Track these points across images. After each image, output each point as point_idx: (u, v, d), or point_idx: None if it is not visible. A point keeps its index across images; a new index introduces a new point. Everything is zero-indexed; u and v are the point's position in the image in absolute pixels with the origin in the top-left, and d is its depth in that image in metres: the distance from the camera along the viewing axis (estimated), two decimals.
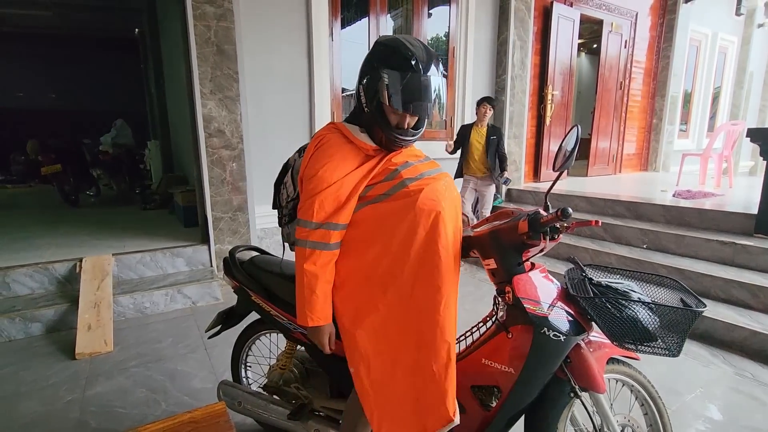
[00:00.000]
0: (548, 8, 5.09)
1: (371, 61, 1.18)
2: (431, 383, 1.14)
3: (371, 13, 4.09)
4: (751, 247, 3.04)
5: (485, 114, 3.89)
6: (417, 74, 1.12)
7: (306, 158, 1.24)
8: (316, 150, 1.22)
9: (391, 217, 1.18)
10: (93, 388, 2.13)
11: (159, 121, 6.93)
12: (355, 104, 1.26)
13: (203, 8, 3.08)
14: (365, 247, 1.20)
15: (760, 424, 1.93)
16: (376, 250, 1.19)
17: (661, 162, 6.83)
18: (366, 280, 1.20)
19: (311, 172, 1.19)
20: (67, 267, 3.01)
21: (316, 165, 1.19)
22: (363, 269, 1.21)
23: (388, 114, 1.18)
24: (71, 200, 5.53)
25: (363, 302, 1.21)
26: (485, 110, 3.88)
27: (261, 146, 3.57)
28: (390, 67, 1.13)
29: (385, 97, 1.13)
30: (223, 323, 1.72)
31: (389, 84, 1.12)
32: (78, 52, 9.74)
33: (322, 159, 1.19)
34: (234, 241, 3.44)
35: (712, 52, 7.46)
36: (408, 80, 1.12)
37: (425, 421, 1.14)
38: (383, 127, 1.19)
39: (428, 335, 1.14)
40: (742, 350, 2.54)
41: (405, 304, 1.17)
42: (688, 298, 1.17)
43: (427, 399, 1.14)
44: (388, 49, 1.16)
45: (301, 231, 1.19)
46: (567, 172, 6.05)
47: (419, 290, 1.16)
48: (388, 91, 1.13)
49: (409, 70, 1.12)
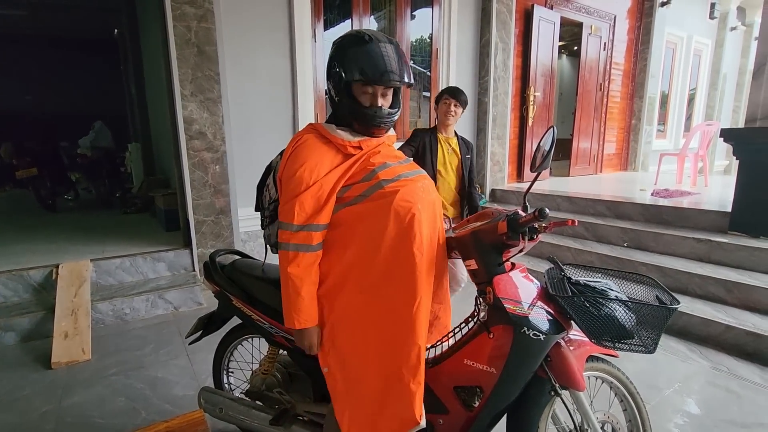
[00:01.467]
0: (529, 11, 5.16)
1: (332, 58, 1.22)
2: (399, 385, 1.14)
3: (354, 15, 4.09)
4: (726, 244, 3.12)
5: (450, 115, 2.55)
6: (371, 44, 1.16)
7: (284, 159, 1.24)
8: (294, 151, 1.22)
9: (367, 219, 1.18)
10: (70, 398, 2.07)
11: (139, 123, 6.79)
12: (331, 105, 1.28)
13: (183, 9, 3.03)
14: (343, 247, 1.20)
15: (735, 416, 1.98)
16: (353, 251, 1.19)
17: (640, 162, 6.99)
18: (343, 281, 1.20)
19: (289, 173, 1.19)
20: (42, 273, 2.92)
21: (294, 166, 1.19)
22: (341, 270, 1.21)
23: (359, 96, 1.20)
24: (48, 205, 5.38)
25: (341, 302, 1.21)
26: (450, 109, 2.54)
27: (244, 148, 3.53)
28: (344, 48, 1.18)
29: (351, 74, 1.16)
30: (204, 328, 1.69)
31: (350, 60, 1.16)
32: (54, 53, 9.49)
33: (300, 159, 1.19)
34: (217, 244, 3.39)
35: (687, 54, 7.66)
36: (365, 51, 1.15)
37: (392, 423, 1.15)
38: (358, 110, 1.20)
39: (399, 337, 1.15)
40: (718, 345, 2.61)
41: (379, 305, 1.18)
42: (663, 296, 1.20)
43: (394, 401, 1.15)
44: (341, 39, 1.23)
45: (283, 234, 1.18)
46: (550, 172, 6.15)
47: (393, 291, 1.16)
48: (350, 68, 1.15)
49: (363, 43, 1.16)
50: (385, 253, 1.16)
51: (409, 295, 1.15)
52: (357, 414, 1.19)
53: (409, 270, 1.15)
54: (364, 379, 1.19)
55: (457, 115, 2.59)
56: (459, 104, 2.56)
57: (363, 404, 1.19)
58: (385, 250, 1.16)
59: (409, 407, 1.13)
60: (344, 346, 1.21)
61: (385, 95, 1.21)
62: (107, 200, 5.88)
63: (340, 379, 1.21)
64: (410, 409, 1.12)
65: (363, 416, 1.18)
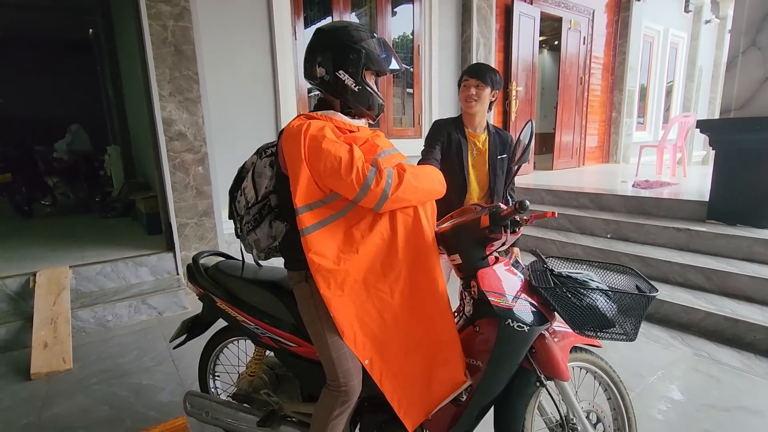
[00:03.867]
0: (509, 6, 5.19)
1: (346, 45, 1.19)
2: (440, 354, 1.23)
3: (335, 12, 4.05)
4: (704, 233, 3.20)
5: (472, 101, 1.90)
6: (375, 36, 1.25)
7: (298, 133, 1.13)
8: (307, 126, 1.14)
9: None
10: (51, 410, 2.01)
11: (118, 125, 6.64)
12: (322, 95, 1.30)
13: (158, 7, 2.96)
14: (361, 238, 1.17)
15: (717, 400, 2.03)
16: (372, 240, 1.18)
17: (621, 154, 7.11)
18: (368, 272, 1.19)
19: (319, 137, 1.11)
20: (19, 282, 2.83)
21: (312, 144, 1.11)
22: (363, 262, 1.18)
23: (371, 82, 1.26)
24: (24, 211, 5.23)
25: (368, 295, 1.20)
26: (470, 93, 1.89)
27: (226, 148, 3.47)
28: (361, 40, 1.20)
29: (376, 64, 1.22)
30: (189, 332, 1.67)
31: (371, 49, 1.21)
32: (27, 54, 9.20)
33: (319, 126, 1.15)
34: (201, 247, 3.33)
35: (664, 47, 7.82)
36: (377, 43, 1.23)
37: (444, 388, 1.25)
38: (373, 98, 1.25)
39: (432, 311, 1.22)
40: (699, 331, 2.68)
41: (408, 289, 1.21)
42: (643, 285, 1.21)
43: (440, 369, 1.24)
44: (345, 29, 1.23)
45: (368, 178, 1.10)
46: (534, 166, 6.21)
47: (417, 274, 1.21)
48: (372, 57, 1.21)
49: (370, 34, 1.24)
50: (402, 239, 1.20)
51: (432, 272, 1.22)
52: (408, 392, 1.23)
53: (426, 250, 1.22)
54: (407, 359, 1.23)
55: (483, 100, 1.89)
56: (483, 84, 1.87)
57: (412, 383, 1.24)
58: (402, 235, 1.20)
59: (454, 369, 1.23)
60: (380, 336, 1.21)
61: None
62: (86, 205, 5.73)
63: (384, 367, 1.22)
64: (456, 371, 1.23)
65: (415, 392, 1.24)
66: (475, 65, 1.98)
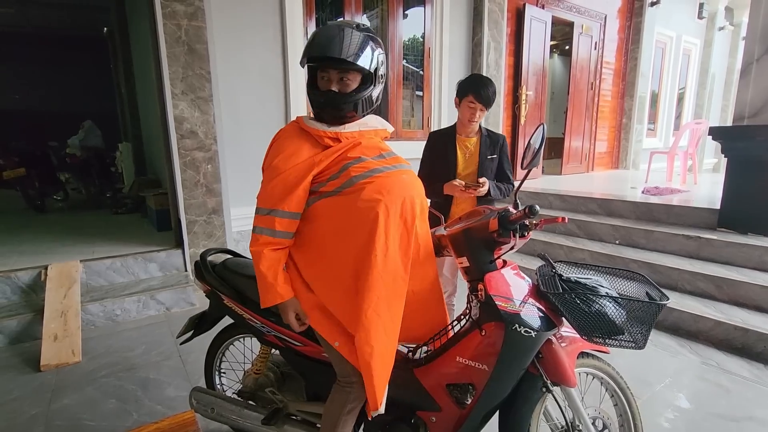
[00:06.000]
0: (521, 10, 5.18)
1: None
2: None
3: (346, 14, 4.07)
4: (715, 241, 3.16)
5: (473, 120, 2.08)
6: (322, 27, 1.24)
7: (266, 152, 1.29)
8: (274, 142, 1.27)
9: (339, 215, 1.20)
10: (59, 401, 2.04)
11: (130, 123, 6.72)
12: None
13: (173, 6, 3.00)
14: (322, 243, 1.23)
15: (725, 410, 2.01)
16: (331, 247, 1.22)
17: (631, 160, 7.05)
18: (320, 274, 1.24)
19: (267, 164, 1.25)
20: (31, 275, 2.88)
21: (271, 156, 1.25)
22: (322, 265, 1.24)
23: (318, 83, 1.24)
24: (37, 205, 5.31)
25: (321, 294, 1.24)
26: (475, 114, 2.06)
27: (236, 147, 3.50)
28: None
29: (303, 57, 1.23)
30: (196, 328, 1.68)
31: (309, 40, 1.22)
32: (43, 51, 9.36)
33: (278, 150, 1.24)
34: (209, 244, 3.36)
35: (676, 54, 7.74)
36: (313, 34, 1.22)
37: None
38: (310, 94, 1.25)
39: (360, 334, 1.14)
40: (708, 340, 2.65)
41: (349, 301, 1.18)
42: (653, 292, 1.20)
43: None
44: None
45: (254, 219, 1.24)
46: (542, 170, 6.18)
47: (359, 288, 1.17)
48: (306, 47, 1.22)
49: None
50: (352, 251, 1.17)
51: (367, 293, 1.13)
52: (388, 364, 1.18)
53: (369, 268, 1.13)
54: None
55: (482, 118, 2.11)
56: (485, 108, 2.05)
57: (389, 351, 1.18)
58: (352, 247, 1.17)
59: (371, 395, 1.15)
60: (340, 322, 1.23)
61: (343, 80, 1.18)
62: (97, 201, 5.80)
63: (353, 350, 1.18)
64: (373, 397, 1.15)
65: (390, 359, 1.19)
66: (478, 85, 2.01)
